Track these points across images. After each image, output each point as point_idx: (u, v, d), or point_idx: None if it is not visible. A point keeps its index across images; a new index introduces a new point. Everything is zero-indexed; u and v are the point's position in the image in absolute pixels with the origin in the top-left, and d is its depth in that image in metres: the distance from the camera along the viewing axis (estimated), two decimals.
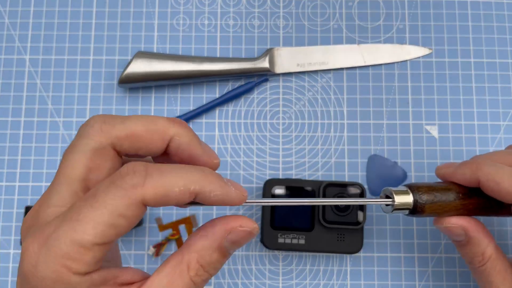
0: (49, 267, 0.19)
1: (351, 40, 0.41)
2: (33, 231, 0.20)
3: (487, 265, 0.29)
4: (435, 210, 0.28)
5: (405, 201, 0.28)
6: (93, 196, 0.20)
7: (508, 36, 0.41)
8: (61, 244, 0.19)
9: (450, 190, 0.29)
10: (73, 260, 0.19)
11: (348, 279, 0.38)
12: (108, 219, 0.19)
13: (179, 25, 0.41)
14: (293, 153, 0.39)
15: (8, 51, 0.41)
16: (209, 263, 0.22)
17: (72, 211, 0.20)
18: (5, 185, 0.39)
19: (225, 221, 0.22)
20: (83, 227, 0.19)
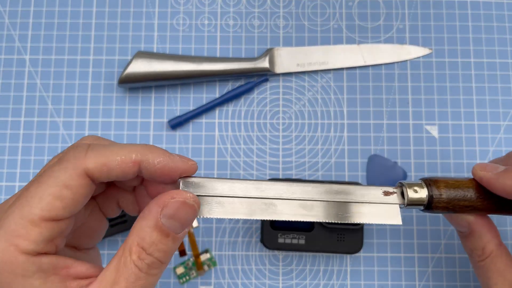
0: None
1: (351, 40, 0.41)
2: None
3: (487, 261, 0.28)
4: (451, 207, 0.28)
5: (419, 197, 0.27)
6: (40, 175, 0.20)
7: (508, 36, 0.41)
8: (10, 222, 0.19)
9: (470, 188, 0.28)
10: (20, 237, 0.19)
11: (348, 279, 0.38)
12: (54, 191, 0.20)
13: (179, 25, 0.41)
14: (293, 153, 0.39)
15: (8, 51, 0.41)
16: (150, 244, 0.21)
17: (22, 191, 0.20)
18: (5, 185, 0.39)
19: (158, 197, 0.22)
20: (30, 202, 0.19)
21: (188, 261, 0.38)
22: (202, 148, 0.39)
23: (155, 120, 0.40)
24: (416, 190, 0.27)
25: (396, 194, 0.27)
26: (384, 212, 0.27)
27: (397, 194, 0.27)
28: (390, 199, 0.27)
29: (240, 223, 0.38)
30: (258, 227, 0.38)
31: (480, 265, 0.29)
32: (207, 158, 0.39)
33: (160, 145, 0.39)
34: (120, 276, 0.20)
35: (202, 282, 0.38)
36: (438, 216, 0.38)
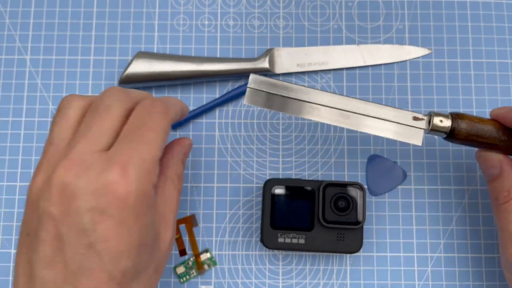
0: (143, 183, 0.24)
1: (350, 40, 0.41)
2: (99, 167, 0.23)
3: (511, 202, 0.31)
4: (470, 140, 0.32)
5: (443, 125, 0.32)
6: (143, 123, 0.25)
7: (508, 37, 0.41)
8: (146, 163, 0.24)
9: (490, 125, 0.32)
10: (154, 174, 0.25)
11: (348, 278, 0.38)
12: (162, 136, 0.26)
13: (179, 26, 0.41)
14: (293, 153, 0.40)
15: (9, 51, 0.41)
16: (180, 174, 0.31)
17: (134, 138, 0.25)
18: (6, 185, 0.39)
19: (179, 142, 0.32)
20: (153, 146, 0.25)
21: (188, 261, 0.38)
22: (202, 148, 0.39)
23: None
24: (442, 120, 0.32)
25: (424, 120, 0.33)
26: (409, 133, 0.33)
27: (425, 121, 0.33)
28: (418, 124, 0.33)
29: (240, 223, 0.39)
30: (258, 227, 0.38)
31: (504, 206, 0.31)
32: (207, 158, 0.39)
33: None
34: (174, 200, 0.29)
35: (202, 282, 0.38)
36: (438, 216, 0.38)
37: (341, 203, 0.35)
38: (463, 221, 0.38)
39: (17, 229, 0.38)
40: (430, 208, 0.39)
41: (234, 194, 0.39)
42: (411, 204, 0.39)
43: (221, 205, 0.39)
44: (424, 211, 0.39)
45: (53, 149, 0.25)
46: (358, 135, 0.40)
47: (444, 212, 0.39)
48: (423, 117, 0.33)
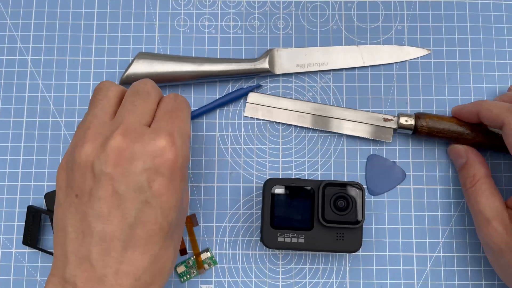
0: (185, 148, 0.29)
1: (350, 41, 0.41)
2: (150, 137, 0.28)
3: (476, 186, 0.34)
4: (431, 134, 0.37)
5: (408, 124, 0.38)
6: (178, 109, 0.31)
7: (507, 37, 0.41)
8: (186, 136, 0.30)
9: (448, 122, 0.37)
10: (189, 143, 0.31)
11: (348, 277, 0.38)
12: (190, 117, 0.32)
13: (180, 26, 0.42)
14: (293, 153, 0.40)
15: (10, 51, 0.41)
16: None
17: (174, 117, 0.30)
18: (7, 185, 0.39)
19: None
20: (187, 124, 0.31)
21: (188, 260, 0.38)
22: (202, 148, 0.40)
23: None
24: (407, 120, 0.38)
25: (393, 121, 0.39)
26: (381, 132, 0.39)
27: (394, 121, 0.38)
28: (388, 124, 0.39)
29: (240, 222, 0.39)
30: (258, 226, 0.39)
31: (471, 190, 0.35)
32: (207, 158, 0.39)
33: None
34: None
35: (203, 281, 0.38)
36: (437, 216, 0.39)
37: (341, 202, 0.35)
38: (462, 220, 0.39)
39: (18, 229, 0.38)
40: (429, 208, 0.39)
41: (234, 193, 0.39)
42: (410, 203, 0.39)
43: (221, 204, 0.39)
44: (423, 210, 0.39)
45: (99, 122, 0.28)
46: (357, 135, 0.40)
47: (443, 212, 0.39)
48: (392, 118, 0.39)
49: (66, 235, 0.27)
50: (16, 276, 0.38)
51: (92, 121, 0.29)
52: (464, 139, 0.37)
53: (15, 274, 0.38)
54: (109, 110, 0.30)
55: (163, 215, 0.27)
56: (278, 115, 0.40)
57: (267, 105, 0.40)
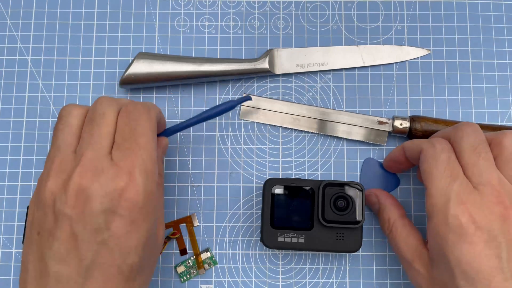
0: (149, 184, 0.27)
1: (350, 41, 0.41)
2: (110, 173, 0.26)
3: (392, 230, 0.34)
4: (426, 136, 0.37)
5: (403, 127, 0.38)
6: (135, 131, 0.28)
7: (507, 37, 0.41)
8: (149, 165, 0.27)
9: (444, 124, 0.37)
10: (155, 174, 0.27)
11: (348, 277, 0.38)
12: (153, 137, 0.28)
13: (180, 26, 0.42)
14: (293, 153, 0.40)
15: (10, 51, 0.41)
16: (161, 172, 0.33)
17: (132, 146, 0.27)
18: (7, 185, 0.39)
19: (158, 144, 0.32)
20: (150, 150, 0.28)
21: (188, 260, 0.38)
22: (202, 148, 0.40)
23: None
24: (402, 123, 0.38)
25: (388, 124, 0.39)
26: (376, 135, 0.39)
27: (388, 124, 0.39)
28: (382, 127, 0.39)
29: (240, 222, 0.39)
30: (258, 226, 0.39)
31: (390, 235, 0.35)
32: (207, 158, 0.40)
33: None
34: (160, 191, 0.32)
35: (203, 281, 0.38)
36: None
37: (341, 202, 0.35)
38: None
39: (19, 228, 0.38)
40: None
41: (234, 193, 0.39)
42: (410, 203, 0.39)
43: (221, 204, 0.39)
44: (423, 210, 0.39)
45: (61, 155, 0.27)
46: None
47: None
48: (386, 121, 0.39)
49: (27, 273, 0.26)
50: (16, 276, 0.38)
51: (55, 155, 0.27)
52: None
53: (15, 274, 0.38)
54: (72, 141, 0.28)
55: (122, 258, 0.26)
56: (272, 118, 0.40)
57: (261, 108, 0.40)
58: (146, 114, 0.29)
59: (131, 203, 0.26)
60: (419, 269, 0.31)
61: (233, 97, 0.40)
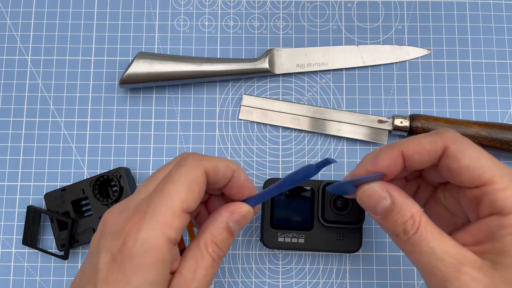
0: (147, 234, 0.23)
1: (350, 41, 0.41)
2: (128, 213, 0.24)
3: (421, 229, 0.25)
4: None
5: (404, 125, 0.38)
6: (169, 176, 0.25)
7: (507, 37, 0.41)
8: (157, 213, 0.23)
9: (444, 122, 0.37)
10: (168, 226, 0.23)
11: (348, 277, 0.38)
12: (187, 186, 0.24)
13: (179, 26, 0.42)
14: (293, 153, 0.40)
15: (10, 51, 0.41)
16: (221, 241, 0.26)
17: (157, 191, 0.24)
18: (6, 185, 0.39)
19: (228, 205, 0.27)
20: (171, 196, 0.24)
21: None
22: (202, 148, 0.40)
23: (156, 120, 0.40)
24: (402, 121, 0.38)
25: (388, 122, 0.39)
26: (376, 134, 0.39)
27: (388, 122, 0.39)
28: (383, 126, 0.39)
29: None
30: (258, 227, 0.39)
31: (415, 238, 0.25)
32: None
33: (161, 145, 0.40)
34: (199, 265, 0.25)
35: None
36: None
37: (340, 202, 0.35)
38: None
39: (18, 228, 0.38)
40: None
41: None
42: None
43: None
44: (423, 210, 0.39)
45: None
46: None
47: None
48: (387, 120, 0.39)
49: None
50: (16, 276, 0.38)
51: None
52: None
53: (15, 274, 0.38)
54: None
55: None
56: (272, 117, 0.40)
57: (261, 108, 0.40)
58: (192, 161, 0.25)
59: (126, 249, 0.23)
60: (474, 274, 0.23)
61: (232, 96, 0.40)
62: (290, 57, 0.40)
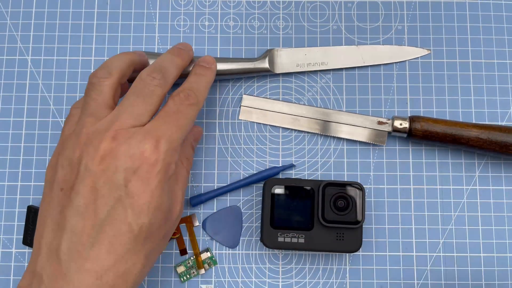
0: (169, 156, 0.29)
1: (350, 41, 0.41)
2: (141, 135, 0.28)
3: None
4: (426, 136, 0.37)
5: (403, 127, 0.38)
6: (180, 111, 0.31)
7: (507, 37, 0.41)
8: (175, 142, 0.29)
9: (443, 124, 0.37)
10: (176, 152, 0.30)
11: (348, 277, 0.38)
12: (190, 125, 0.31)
13: (180, 26, 0.42)
14: (293, 153, 0.40)
15: (10, 51, 0.41)
16: (189, 156, 0.35)
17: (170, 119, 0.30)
18: (7, 185, 0.39)
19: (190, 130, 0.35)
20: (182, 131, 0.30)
21: (188, 260, 0.38)
22: (202, 148, 0.40)
23: None
24: (401, 123, 0.38)
25: (387, 124, 0.39)
26: (376, 135, 0.39)
27: (388, 124, 0.38)
28: (382, 127, 0.39)
29: None
30: (258, 226, 0.39)
31: None
32: (207, 158, 0.40)
33: None
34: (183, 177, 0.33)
35: (203, 281, 0.38)
36: (437, 215, 0.39)
37: (341, 202, 0.35)
38: (462, 220, 0.39)
39: (19, 228, 0.38)
40: (429, 208, 0.39)
41: (234, 193, 0.39)
42: (410, 203, 0.39)
43: (221, 204, 0.39)
44: (423, 210, 0.39)
45: (94, 120, 0.29)
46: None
47: (443, 212, 0.39)
48: (386, 121, 0.39)
49: (44, 227, 0.28)
50: (16, 276, 0.38)
51: (87, 119, 0.29)
52: (459, 142, 0.37)
53: (15, 274, 0.38)
54: (104, 110, 0.30)
55: (133, 216, 0.27)
56: (272, 118, 0.40)
57: (261, 108, 0.40)
58: (195, 103, 0.31)
59: (150, 166, 0.27)
60: None
61: (232, 97, 0.40)
62: (290, 57, 0.40)
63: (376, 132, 0.39)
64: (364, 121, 0.39)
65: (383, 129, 0.39)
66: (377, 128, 0.39)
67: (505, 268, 0.38)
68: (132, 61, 0.33)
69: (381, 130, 0.39)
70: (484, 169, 0.39)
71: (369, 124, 0.39)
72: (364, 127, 0.39)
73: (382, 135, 0.39)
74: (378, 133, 0.39)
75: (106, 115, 0.29)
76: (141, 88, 0.30)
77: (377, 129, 0.39)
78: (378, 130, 0.39)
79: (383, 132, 0.39)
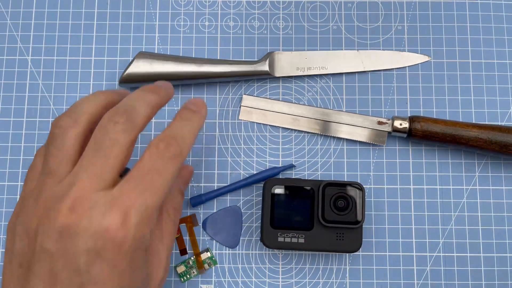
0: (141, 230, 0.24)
1: (350, 41, 0.41)
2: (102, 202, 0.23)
3: None
4: (425, 137, 0.37)
5: (403, 127, 0.38)
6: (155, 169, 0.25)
7: (507, 37, 0.41)
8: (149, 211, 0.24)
9: (443, 124, 0.37)
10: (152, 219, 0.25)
11: (347, 277, 0.38)
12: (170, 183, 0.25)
13: (180, 26, 0.42)
14: (293, 153, 0.40)
15: (10, 51, 0.41)
16: (178, 206, 0.31)
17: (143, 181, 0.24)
18: (7, 185, 0.39)
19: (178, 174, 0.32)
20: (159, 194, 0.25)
21: (189, 260, 0.38)
22: (202, 148, 0.40)
23: (156, 121, 0.40)
24: (401, 123, 0.38)
25: (387, 124, 0.39)
26: (376, 135, 0.39)
27: (388, 124, 0.39)
28: (382, 127, 0.39)
29: None
30: (258, 226, 0.39)
31: None
32: (207, 158, 0.40)
33: None
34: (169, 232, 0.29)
35: (203, 281, 0.38)
36: (437, 216, 0.39)
37: (341, 202, 0.35)
38: (462, 220, 0.39)
39: None
40: (429, 208, 0.39)
41: (234, 193, 0.39)
42: (410, 203, 0.39)
43: (221, 204, 0.39)
44: (423, 210, 0.39)
45: (53, 181, 0.25)
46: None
47: (443, 212, 0.39)
48: (386, 121, 0.39)
49: None
50: None
51: (45, 179, 0.25)
52: (459, 142, 0.37)
53: None
54: (66, 166, 0.25)
55: None
56: (272, 118, 0.40)
57: (261, 109, 0.40)
58: (176, 155, 0.25)
59: (117, 246, 0.23)
60: None
61: (232, 97, 0.40)
62: (290, 61, 0.40)
63: (376, 132, 0.39)
64: (364, 121, 0.39)
65: (383, 129, 0.39)
66: (377, 128, 0.39)
67: (505, 268, 0.38)
68: (107, 103, 0.27)
69: (381, 130, 0.39)
70: (484, 169, 0.40)
71: (369, 124, 0.39)
72: (364, 127, 0.39)
73: (382, 135, 0.39)
74: (378, 133, 0.39)
75: (68, 173, 0.25)
76: (100, 138, 0.24)
77: (377, 129, 0.39)
78: (378, 130, 0.39)
79: (383, 132, 0.39)
